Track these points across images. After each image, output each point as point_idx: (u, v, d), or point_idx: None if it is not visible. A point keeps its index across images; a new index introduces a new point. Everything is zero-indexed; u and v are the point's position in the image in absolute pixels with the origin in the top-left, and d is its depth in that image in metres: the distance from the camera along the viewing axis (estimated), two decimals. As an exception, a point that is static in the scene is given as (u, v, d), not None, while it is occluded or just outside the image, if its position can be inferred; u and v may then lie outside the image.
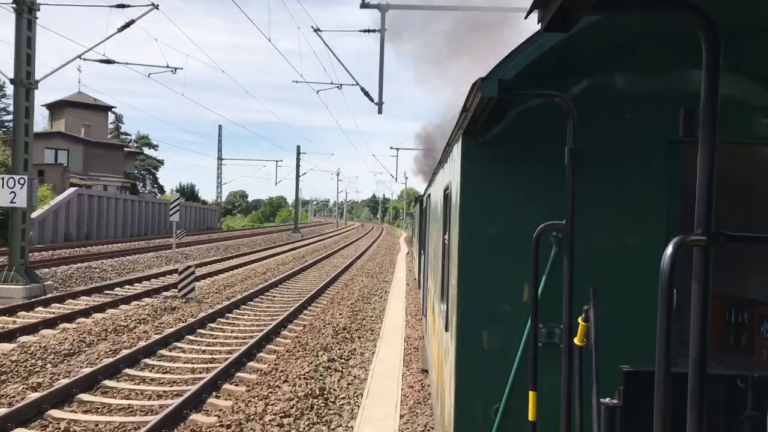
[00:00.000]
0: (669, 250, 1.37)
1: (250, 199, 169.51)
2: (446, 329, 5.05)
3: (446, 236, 5.65)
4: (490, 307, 4.02)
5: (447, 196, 5.59)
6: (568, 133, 3.06)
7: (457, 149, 4.50)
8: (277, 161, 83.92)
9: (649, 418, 1.52)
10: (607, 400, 2.81)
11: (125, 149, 68.70)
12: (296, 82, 27.42)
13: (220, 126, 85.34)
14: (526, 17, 1.55)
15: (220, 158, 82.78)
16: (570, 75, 3.93)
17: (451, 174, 4.98)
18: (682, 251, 1.37)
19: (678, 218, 3.88)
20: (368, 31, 20.22)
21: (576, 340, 3.12)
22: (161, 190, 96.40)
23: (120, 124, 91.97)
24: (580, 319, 3.15)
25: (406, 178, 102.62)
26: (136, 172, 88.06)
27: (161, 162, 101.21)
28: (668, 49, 3.86)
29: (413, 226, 36.29)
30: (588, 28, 3.29)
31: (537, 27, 1.54)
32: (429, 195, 11.05)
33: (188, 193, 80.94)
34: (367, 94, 21.28)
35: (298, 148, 64.77)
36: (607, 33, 3.75)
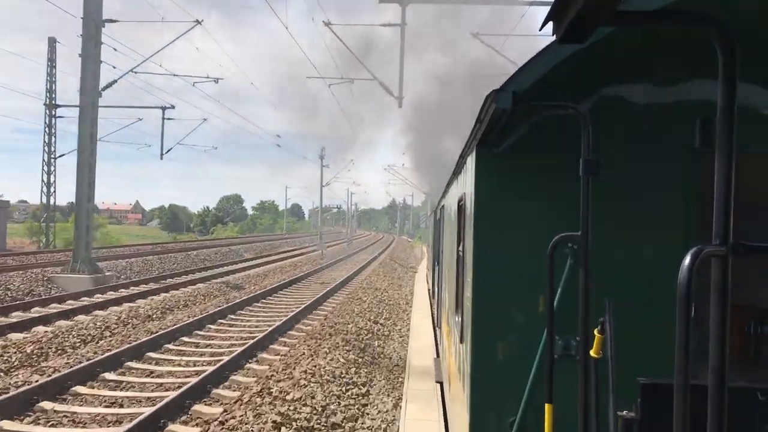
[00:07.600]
0: (686, 260, 1.36)
1: (246, 204, 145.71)
2: (461, 341, 5.03)
3: (460, 248, 5.63)
4: (506, 319, 4.00)
5: (461, 207, 5.58)
6: (583, 144, 3.05)
7: (471, 160, 4.49)
8: (163, 108, 33.39)
9: (667, 431, 1.50)
10: (625, 412, 2.78)
11: None
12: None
13: (51, 38, 40.18)
14: (540, 29, 1.56)
15: (50, 103, 39.50)
16: (586, 85, 3.92)
17: (466, 185, 4.98)
18: (699, 262, 1.36)
19: (695, 229, 3.84)
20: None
21: (592, 353, 3.09)
22: None
23: None
24: (596, 331, 3.12)
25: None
26: None
27: None
28: (686, 59, 3.84)
29: (427, 237, 32.36)
30: (604, 38, 3.29)
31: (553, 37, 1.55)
32: (443, 206, 11.03)
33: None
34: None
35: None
36: (624, 43, 3.74)
